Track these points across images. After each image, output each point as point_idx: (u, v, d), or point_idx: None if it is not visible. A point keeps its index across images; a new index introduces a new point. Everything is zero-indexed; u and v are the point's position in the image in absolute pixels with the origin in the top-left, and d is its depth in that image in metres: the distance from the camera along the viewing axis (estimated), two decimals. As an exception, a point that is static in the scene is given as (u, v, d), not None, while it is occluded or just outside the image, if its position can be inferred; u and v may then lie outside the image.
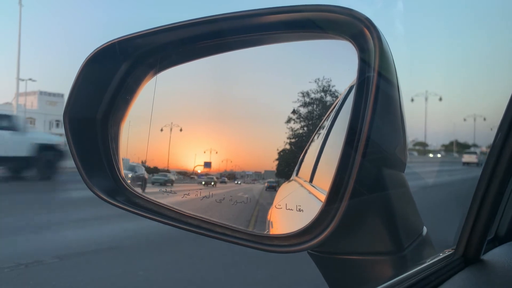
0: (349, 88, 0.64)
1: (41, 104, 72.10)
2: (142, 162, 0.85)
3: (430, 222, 0.86)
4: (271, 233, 0.68)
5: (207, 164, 0.78)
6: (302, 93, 0.67)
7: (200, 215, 0.74)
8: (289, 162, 0.70)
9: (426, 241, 0.76)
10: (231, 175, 0.76)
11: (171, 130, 0.80)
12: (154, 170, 0.84)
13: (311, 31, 0.66)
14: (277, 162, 0.70)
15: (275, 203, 0.69)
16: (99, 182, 0.80)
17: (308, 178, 0.72)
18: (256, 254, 1.28)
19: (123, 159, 0.86)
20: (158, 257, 4.89)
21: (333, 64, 0.68)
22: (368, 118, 0.54)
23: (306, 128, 0.69)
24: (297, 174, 0.72)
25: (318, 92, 0.66)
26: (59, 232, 5.98)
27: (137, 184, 0.84)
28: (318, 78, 0.65)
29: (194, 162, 0.80)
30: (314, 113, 0.68)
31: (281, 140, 0.69)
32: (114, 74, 0.82)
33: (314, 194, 0.67)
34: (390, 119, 0.61)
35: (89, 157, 0.81)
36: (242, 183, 0.75)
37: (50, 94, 74.71)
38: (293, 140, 0.69)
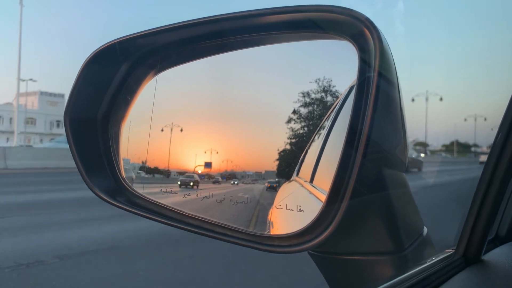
0: (349, 88, 0.64)
1: (41, 104, 72.15)
2: (143, 162, 0.85)
3: (430, 222, 0.86)
4: (272, 233, 0.68)
5: (208, 164, 0.78)
6: (303, 93, 0.67)
7: (200, 216, 0.74)
8: (289, 162, 0.70)
9: (426, 241, 0.76)
10: (231, 175, 0.75)
11: (172, 130, 0.80)
12: (155, 170, 0.84)
13: (312, 31, 0.66)
14: (277, 162, 0.70)
15: (276, 203, 0.69)
16: (100, 182, 0.80)
17: (308, 178, 0.72)
18: (256, 254, 1.28)
19: (124, 159, 0.86)
20: (158, 257, 4.89)
21: (333, 64, 0.68)
22: (368, 118, 0.54)
23: (306, 128, 0.69)
24: (297, 174, 0.72)
25: (318, 92, 0.66)
26: None
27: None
28: (319, 78, 0.65)
29: (195, 162, 0.80)
30: (315, 113, 0.68)
31: (281, 140, 0.69)
32: (114, 75, 0.82)
33: (314, 194, 0.67)
34: (391, 119, 0.61)
35: (89, 157, 0.81)
36: (239, 184, 0.74)
37: (51, 94, 74.74)
38: (293, 140, 0.69)
